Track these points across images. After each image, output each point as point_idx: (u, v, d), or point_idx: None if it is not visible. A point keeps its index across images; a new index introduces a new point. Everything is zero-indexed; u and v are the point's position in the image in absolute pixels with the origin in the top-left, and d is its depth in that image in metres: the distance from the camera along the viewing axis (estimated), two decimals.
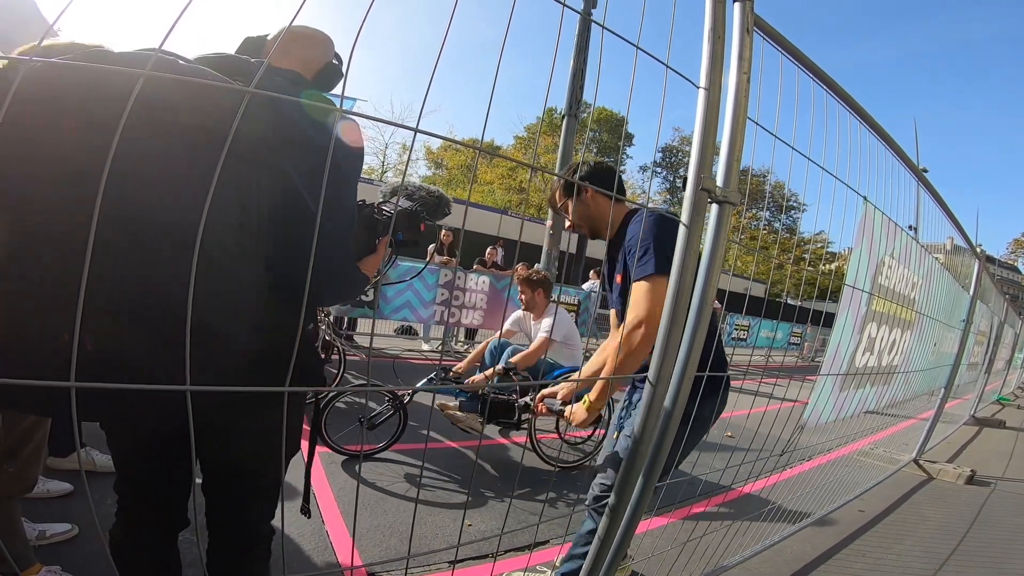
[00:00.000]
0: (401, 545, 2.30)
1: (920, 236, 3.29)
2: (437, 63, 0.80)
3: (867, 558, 2.66)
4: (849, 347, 2.23)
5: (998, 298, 7.54)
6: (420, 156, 30.80)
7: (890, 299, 2.49)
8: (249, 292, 0.88)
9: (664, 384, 1.24)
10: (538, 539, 2.49)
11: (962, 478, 4.20)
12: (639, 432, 1.28)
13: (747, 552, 2.28)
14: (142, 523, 1.17)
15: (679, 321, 1.20)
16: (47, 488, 2.19)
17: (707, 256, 1.21)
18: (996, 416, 7.76)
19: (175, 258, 0.74)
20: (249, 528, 1.17)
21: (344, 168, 1.02)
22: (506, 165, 29.92)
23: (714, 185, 1.16)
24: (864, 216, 2.02)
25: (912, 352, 3.22)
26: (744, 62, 1.22)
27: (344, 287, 1.10)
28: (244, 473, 1.09)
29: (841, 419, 2.52)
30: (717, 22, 1.16)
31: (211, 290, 0.79)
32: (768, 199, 31.51)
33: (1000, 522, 3.40)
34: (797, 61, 1.55)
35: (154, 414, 0.81)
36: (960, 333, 4.64)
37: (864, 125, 2.04)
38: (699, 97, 1.17)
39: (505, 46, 0.91)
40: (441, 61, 0.79)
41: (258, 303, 0.90)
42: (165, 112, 0.77)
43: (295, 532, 2.21)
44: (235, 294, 0.85)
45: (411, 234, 1.32)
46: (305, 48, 1.14)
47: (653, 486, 1.36)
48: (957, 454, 5.30)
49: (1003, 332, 8.44)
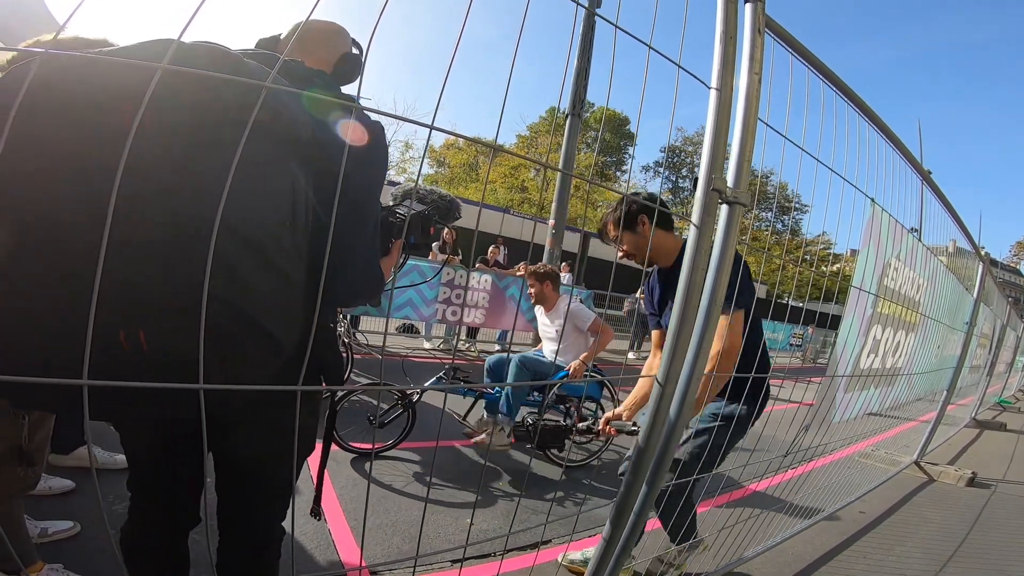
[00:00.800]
0: (403, 544, 2.30)
1: (923, 238, 3.29)
2: (452, 61, 0.80)
3: (868, 560, 2.66)
4: (855, 349, 2.23)
5: (1000, 301, 7.53)
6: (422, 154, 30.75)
7: (896, 301, 2.48)
8: (300, 289, 0.89)
9: (672, 384, 1.24)
10: (544, 538, 2.49)
11: (963, 480, 4.20)
12: (646, 433, 1.28)
13: (748, 553, 2.28)
14: (153, 520, 1.17)
15: (689, 321, 1.20)
16: (49, 485, 2.18)
17: (716, 257, 1.21)
18: (997, 419, 7.75)
19: (235, 256, 0.75)
20: (261, 528, 1.16)
21: (376, 169, 1.03)
22: (508, 164, 29.87)
23: (725, 186, 1.16)
24: (872, 218, 2.01)
25: (916, 354, 3.22)
26: (755, 63, 1.22)
27: (370, 287, 1.10)
28: (259, 472, 1.09)
29: (845, 421, 2.52)
30: (729, 23, 1.16)
31: (264, 287, 0.80)
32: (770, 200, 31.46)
33: (1001, 524, 3.40)
34: (807, 62, 1.55)
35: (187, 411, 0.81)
36: (963, 336, 4.64)
37: (872, 126, 2.03)
38: (711, 98, 1.16)
39: (509, 46, 0.91)
40: (446, 60, 0.79)
41: (301, 302, 0.90)
42: (219, 108, 0.77)
43: (297, 531, 2.21)
44: (283, 293, 0.85)
45: (422, 237, 1.33)
46: (320, 45, 1.14)
47: (659, 487, 1.36)
48: (958, 456, 5.30)
49: (1005, 335, 8.44)
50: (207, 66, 0.73)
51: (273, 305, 0.83)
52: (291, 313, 0.88)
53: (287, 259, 0.85)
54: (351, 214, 0.91)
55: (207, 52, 0.82)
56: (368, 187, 0.99)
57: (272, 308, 0.83)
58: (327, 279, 0.82)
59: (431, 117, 0.83)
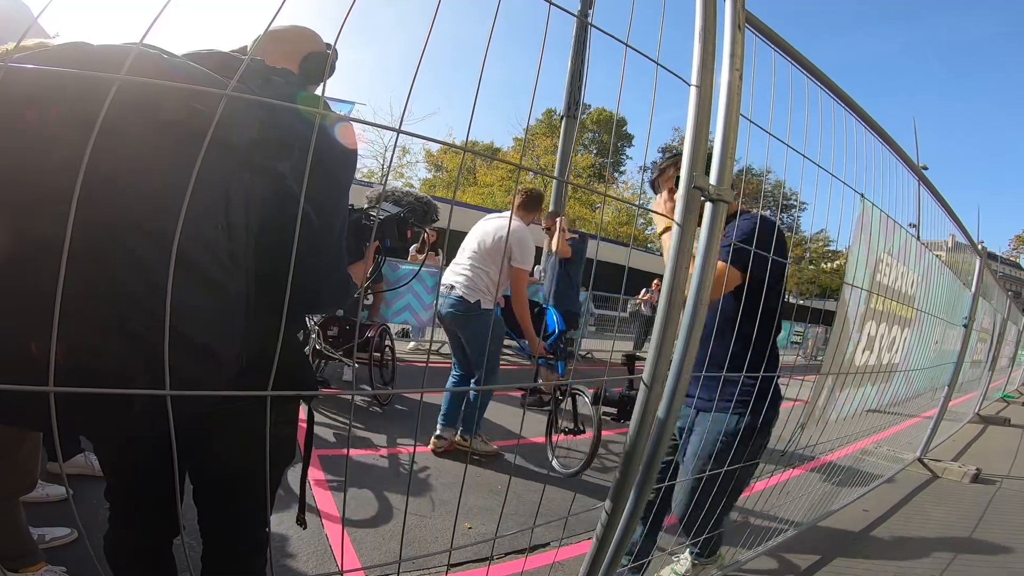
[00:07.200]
0: (401, 548, 2.29)
1: (921, 233, 3.28)
2: (419, 64, 0.79)
3: (872, 558, 2.64)
4: (849, 345, 2.21)
5: (1001, 295, 7.50)
6: (420, 159, 30.78)
7: (889, 296, 2.47)
8: (236, 298, 0.86)
9: (660, 384, 1.23)
10: (538, 542, 2.47)
11: (967, 476, 4.16)
12: (633, 437, 1.27)
13: (750, 553, 2.26)
14: (133, 530, 1.16)
15: (673, 320, 1.19)
16: (46, 492, 2.19)
17: (701, 255, 1.20)
18: (1001, 414, 7.71)
19: (157, 263, 0.72)
20: (243, 537, 1.15)
21: (339, 171, 1.01)
22: (506, 168, 29.90)
23: (707, 183, 1.15)
24: (862, 213, 2.01)
25: (913, 350, 3.20)
26: (736, 59, 1.21)
27: (336, 293, 1.09)
28: (231, 482, 1.07)
29: (842, 418, 2.50)
30: (708, 19, 1.15)
31: (194, 296, 0.77)
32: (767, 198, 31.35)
33: (1006, 521, 3.36)
34: (790, 57, 1.54)
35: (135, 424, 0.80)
36: (963, 330, 4.61)
37: (860, 122, 2.02)
38: (691, 95, 1.16)
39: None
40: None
41: (246, 309, 0.88)
42: (147, 111, 0.75)
43: (294, 536, 2.21)
44: (220, 300, 0.83)
45: (398, 240, 1.31)
46: (285, 43, 1.13)
47: (650, 490, 1.35)
48: (962, 452, 5.26)
49: (1006, 329, 8.40)
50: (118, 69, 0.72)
51: (204, 313, 0.80)
52: (230, 321, 0.85)
53: (220, 266, 0.82)
54: (314, 216, 0.89)
55: (123, 53, 0.77)
56: (331, 188, 0.97)
57: (203, 316, 0.80)
58: (283, 284, 0.79)
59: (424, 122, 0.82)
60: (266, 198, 0.88)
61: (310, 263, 0.91)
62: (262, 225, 0.88)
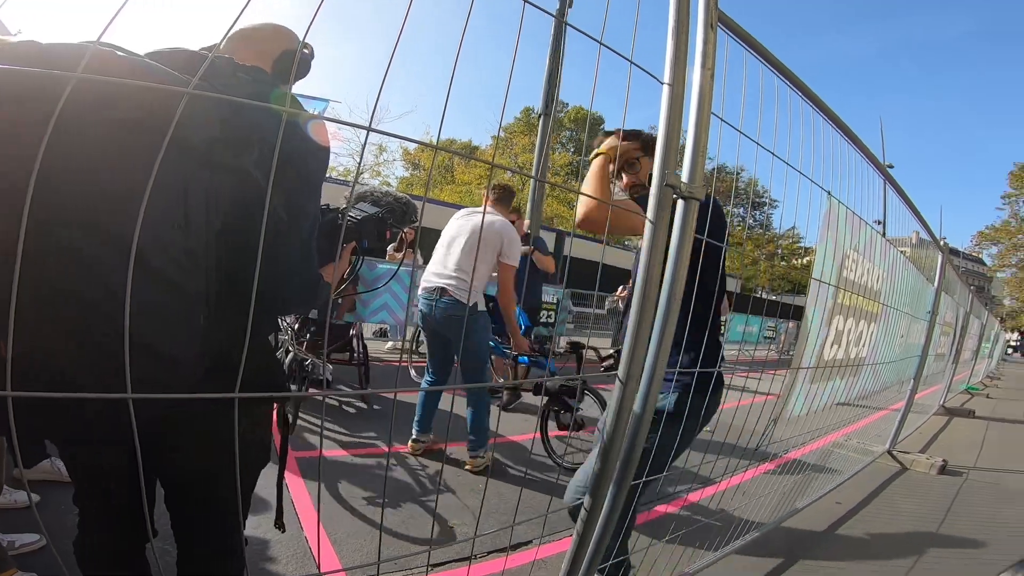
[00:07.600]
0: (385, 550, 2.28)
1: (887, 230, 3.37)
2: (390, 63, 0.78)
3: (846, 550, 2.71)
4: (818, 340, 2.26)
5: (963, 289, 7.76)
6: (397, 157, 30.47)
7: (856, 292, 2.53)
8: (195, 298, 0.84)
9: (635, 382, 1.24)
10: (520, 540, 2.48)
11: (935, 468, 4.29)
12: (610, 432, 1.27)
13: (727, 548, 2.29)
14: (103, 535, 1.14)
15: (647, 319, 1.20)
16: (14, 499, 2.15)
17: (674, 253, 1.21)
18: (965, 405, 7.97)
19: (111, 262, 0.70)
20: (214, 542, 1.13)
21: (309, 169, 0.99)
22: (485, 166, 29.85)
23: (679, 181, 1.16)
24: (828, 210, 2.05)
25: (879, 344, 3.29)
26: (708, 57, 1.22)
27: (305, 293, 1.07)
28: (193, 486, 1.05)
29: (813, 412, 2.55)
30: (681, 18, 1.16)
31: (149, 295, 0.75)
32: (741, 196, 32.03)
33: (973, 512, 3.46)
34: (762, 57, 1.56)
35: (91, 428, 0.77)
36: (926, 324, 4.75)
37: (828, 121, 2.07)
38: (663, 93, 1.17)
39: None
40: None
41: (207, 309, 0.86)
42: (102, 109, 0.73)
43: (273, 539, 2.18)
44: (177, 300, 0.81)
45: (376, 241, 1.30)
46: (257, 42, 1.11)
47: (627, 487, 1.36)
48: (929, 444, 5.42)
49: (969, 322, 8.69)
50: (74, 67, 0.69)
51: (159, 313, 0.78)
52: (188, 322, 0.83)
53: (176, 265, 0.80)
54: (283, 215, 0.87)
55: (79, 51, 0.76)
56: (300, 187, 0.95)
57: (158, 316, 0.78)
58: (249, 284, 0.77)
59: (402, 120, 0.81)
60: (231, 197, 0.86)
61: (277, 263, 0.89)
62: (226, 224, 0.87)
